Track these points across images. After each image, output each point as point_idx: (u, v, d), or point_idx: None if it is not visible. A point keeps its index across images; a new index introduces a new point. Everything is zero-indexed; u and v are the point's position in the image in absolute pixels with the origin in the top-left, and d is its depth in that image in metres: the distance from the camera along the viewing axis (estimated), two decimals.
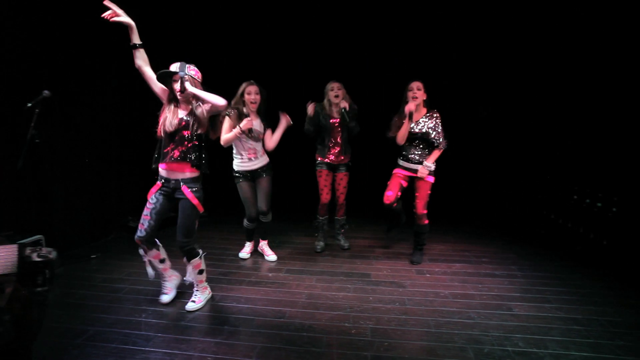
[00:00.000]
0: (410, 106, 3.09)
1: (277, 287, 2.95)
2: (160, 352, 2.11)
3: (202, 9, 4.67)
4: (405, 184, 3.32)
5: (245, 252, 3.61)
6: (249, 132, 3.10)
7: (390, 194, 3.26)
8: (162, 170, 2.47)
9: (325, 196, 3.57)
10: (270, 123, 3.32)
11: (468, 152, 5.24)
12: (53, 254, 1.06)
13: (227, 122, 3.09)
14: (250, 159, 3.27)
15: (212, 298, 2.75)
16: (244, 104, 3.14)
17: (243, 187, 3.32)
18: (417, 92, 3.14)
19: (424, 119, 3.18)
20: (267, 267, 3.37)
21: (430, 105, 3.23)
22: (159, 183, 2.49)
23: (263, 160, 3.33)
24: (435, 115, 3.18)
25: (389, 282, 3.06)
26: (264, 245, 3.62)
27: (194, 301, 2.62)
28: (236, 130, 3.02)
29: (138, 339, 2.22)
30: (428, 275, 3.21)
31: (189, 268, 2.61)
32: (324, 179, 3.55)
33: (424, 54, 4.87)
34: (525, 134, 4.84)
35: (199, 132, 2.42)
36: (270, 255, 3.54)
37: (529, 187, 4.85)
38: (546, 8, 4.17)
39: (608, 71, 3.60)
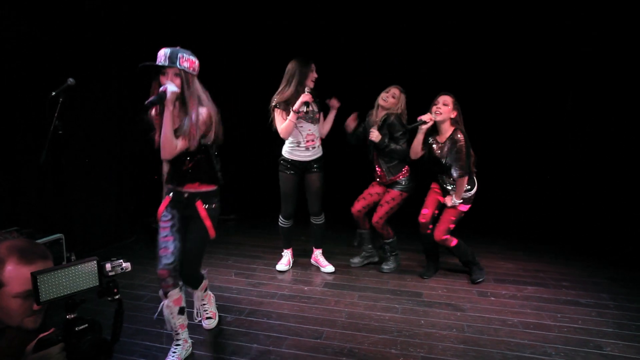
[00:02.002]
0: (425, 116, 3.05)
1: (314, 303, 2.94)
2: None
3: (202, 7, 4.86)
4: (442, 199, 3.28)
5: (283, 263, 3.53)
6: (306, 106, 3.02)
7: (426, 212, 3.25)
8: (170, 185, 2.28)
9: (354, 202, 3.48)
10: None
11: (545, 154, 5.00)
12: (129, 268, 1.26)
13: (278, 114, 3.13)
14: (307, 148, 3.25)
15: (239, 312, 2.78)
16: (298, 87, 3.09)
17: (287, 179, 3.30)
18: (441, 108, 3.04)
19: (448, 143, 3.07)
20: (303, 279, 3.37)
21: (463, 122, 3.11)
22: (167, 197, 2.26)
23: (319, 151, 3.33)
24: (456, 137, 3.01)
25: (445, 303, 2.96)
26: (318, 254, 3.59)
27: (210, 317, 2.61)
28: (291, 115, 3.04)
29: (159, 353, 2.29)
30: (492, 298, 3.06)
31: (198, 294, 2.48)
32: (368, 191, 3.49)
33: (425, 54, 4.94)
34: (617, 131, 4.55)
35: (203, 142, 2.14)
36: (327, 267, 3.51)
37: (626, 199, 4.50)
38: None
39: None
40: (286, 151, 3.31)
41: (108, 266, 1.21)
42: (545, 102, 4.94)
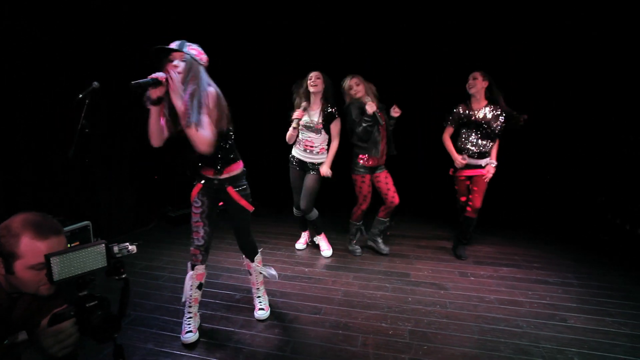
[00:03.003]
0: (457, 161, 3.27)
1: (313, 283, 2.99)
2: (197, 341, 2.22)
3: (202, 7, 4.69)
4: (468, 182, 3.39)
5: (300, 242, 3.73)
6: (296, 123, 3.13)
7: (464, 199, 3.44)
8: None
9: (368, 203, 3.37)
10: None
11: (521, 147, 5.01)
12: (134, 250, 1.24)
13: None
14: (305, 150, 3.26)
15: (247, 291, 2.83)
16: (307, 94, 3.18)
17: (292, 173, 3.40)
18: (471, 82, 3.20)
19: (487, 109, 3.20)
20: (303, 262, 3.42)
21: (494, 97, 3.20)
22: (199, 184, 2.23)
23: (320, 157, 3.25)
24: (498, 109, 3.19)
25: (430, 283, 3.00)
26: (319, 239, 3.63)
27: (262, 309, 2.50)
28: (291, 129, 3.14)
29: (176, 326, 2.35)
30: (472, 278, 3.11)
31: (254, 267, 2.47)
32: (367, 185, 3.32)
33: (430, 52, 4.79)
34: (587, 128, 4.56)
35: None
36: (325, 251, 3.55)
37: (591, 188, 4.55)
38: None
39: None
40: (293, 148, 3.37)
41: (115, 248, 1.19)
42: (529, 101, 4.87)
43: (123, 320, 1.20)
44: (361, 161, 3.27)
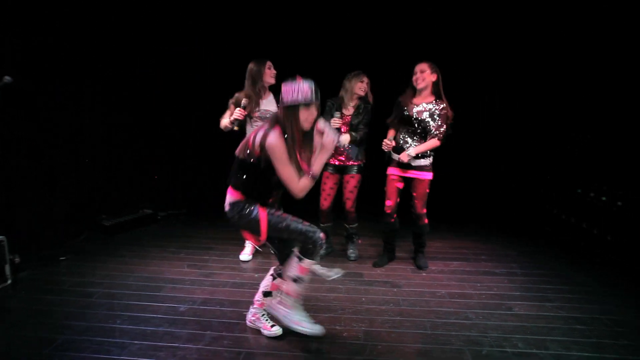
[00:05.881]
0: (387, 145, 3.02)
1: None
2: None
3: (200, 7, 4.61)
4: (401, 185, 3.17)
5: (245, 253, 3.48)
6: (235, 124, 3.05)
7: (390, 203, 3.19)
8: None
9: (322, 202, 3.40)
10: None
11: (467, 145, 5.27)
12: None
13: (229, 109, 3.15)
14: None
15: (193, 302, 2.70)
16: (251, 87, 3.16)
17: None
18: (419, 76, 2.96)
19: (427, 105, 2.99)
20: (252, 267, 3.33)
21: (441, 92, 3.01)
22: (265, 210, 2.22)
23: None
24: (442, 105, 2.97)
25: (383, 281, 3.05)
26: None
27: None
28: (231, 117, 3.05)
29: (112, 347, 2.17)
30: (424, 274, 3.21)
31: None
32: (330, 184, 3.38)
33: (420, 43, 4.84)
34: (527, 126, 4.90)
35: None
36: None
37: (531, 182, 4.90)
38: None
39: (615, 66, 3.70)
40: None
41: None
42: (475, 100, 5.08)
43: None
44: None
